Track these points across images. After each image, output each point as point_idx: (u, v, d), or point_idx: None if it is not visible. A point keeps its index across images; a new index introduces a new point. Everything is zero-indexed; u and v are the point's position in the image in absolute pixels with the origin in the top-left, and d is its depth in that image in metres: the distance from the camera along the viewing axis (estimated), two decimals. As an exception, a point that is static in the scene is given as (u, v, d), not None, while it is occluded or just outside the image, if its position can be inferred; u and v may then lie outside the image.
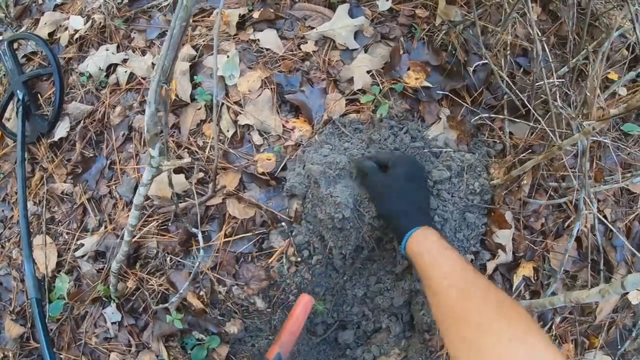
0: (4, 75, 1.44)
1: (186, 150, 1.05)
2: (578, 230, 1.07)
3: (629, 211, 1.30)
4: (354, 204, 0.93)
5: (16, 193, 1.32)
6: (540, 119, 1.01)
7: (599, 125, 0.77)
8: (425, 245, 0.79)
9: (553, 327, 1.19)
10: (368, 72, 1.08)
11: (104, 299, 1.09)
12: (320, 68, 1.08)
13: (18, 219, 1.30)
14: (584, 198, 1.00)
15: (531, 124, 1.13)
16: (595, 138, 1.10)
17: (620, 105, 0.77)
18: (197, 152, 1.04)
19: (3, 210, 1.33)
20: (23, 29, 1.52)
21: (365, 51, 1.11)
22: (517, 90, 1.08)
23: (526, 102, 1.08)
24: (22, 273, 1.26)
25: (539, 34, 1.23)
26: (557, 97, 1.10)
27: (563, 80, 1.19)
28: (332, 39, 1.11)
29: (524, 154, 1.14)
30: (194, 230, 0.93)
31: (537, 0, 1.40)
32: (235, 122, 1.04)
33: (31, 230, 1.23)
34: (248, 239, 0.98)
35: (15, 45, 1.43)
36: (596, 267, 1.20)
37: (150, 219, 1.04)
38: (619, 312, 1.23)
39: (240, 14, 1.13)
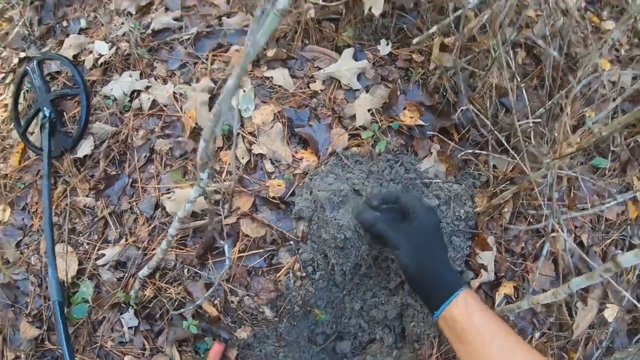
0: (27, 91, 1.58)
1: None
2: (547, 252, 1.26)
3: (605, 236, 1.50)
4: (354, 227, 1.10)
5: (36, 203, 1.46)
6: (515, 155, 1.20)
7: (559, 162, 0.96)
8: (469, 312, 0.80)
9: (533, 341, 1.36)
10: (369, 110, 1.26)
11: (122, 305, 1.24)
12: (327, 105, 1.25)
13: (37, 228, 1.44)
14: (552, 224, 1.19)
15: (509, 159, 1.32)
16: (562, 172, 1.29)
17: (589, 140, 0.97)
18: (215, 176, 1.20)
19: (23, 219, 1.47)
20: (47, 48, 1.67)
21: (367, 91, 1.29)
22: (495, 130, 1.27)
23: (503, 141, 1.27)
24: (39, 278, 1.39)
25: (519, 79, 1.44)
26: (532, 136, 1.30)
27: (540, 120, 1.39)
28: (337, 79, 1.29)
29: (504, 185, 1.33)
30: (221, 242, 1.08)
31: (522, 45, 1.61)
32: (249, 150, 1.20)
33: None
34: (259, 255, 1.15)
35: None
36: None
37: (169, 234, 1.20)
38: (595, 328, 1.37)
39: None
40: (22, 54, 1.72)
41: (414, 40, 1.12)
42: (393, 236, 0.87)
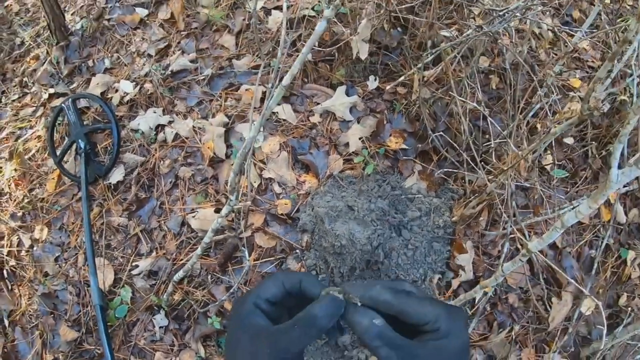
0: (59, 124, 1.86)
1: (223, 196, 1.49)
2: (507, 251, 1.51)
3: (579, 238, 1.75)
4: (349, 236, 1.37)
5: (72, 223, 1.73)
6: (480, 170, 1.47)
7: (511, 174, 1.25)
8: None
9: (512, 333, 1.61)
10: (360, 138, 1.54)
11: (154, 307, 1.50)
12: (324, 135, 1.54)
13: (75, 244, 1.71)
14: (511, 227, 1.47)
15: (476, 175, 1.60)
16: (520, 183, 1.56)
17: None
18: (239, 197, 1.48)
19: (61, 237, 1.73)
20: (74, 85, 1.94)
21: (358, 122, 1.58)
22: (464, 152, 1.54)
23: (476, 159, 1.55)
24: (77, 288, 1.65)
25: (487, 103, 1.73)
26: (492, 155, 1.58)
27: (506, 140, 1.68)
28: (333, 112, 1.57)
29: (477, 197, 1.61)
30: (242, 248, 1.35)
31: (495, 72, 1.90)
32: (260, 175, 1.48)
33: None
34: (271, 262, 1.42)
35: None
36: (548, 284, 1.58)
37: (195, 246, 1.47)
38: (572, 320, 1.56)
39: (262, 91, 1.59)
40: (51, 90, 1.99)
41: (398, 80, 1.41)
42: None
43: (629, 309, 1.65)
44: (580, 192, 1.76)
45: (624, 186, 1.76)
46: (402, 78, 1.50)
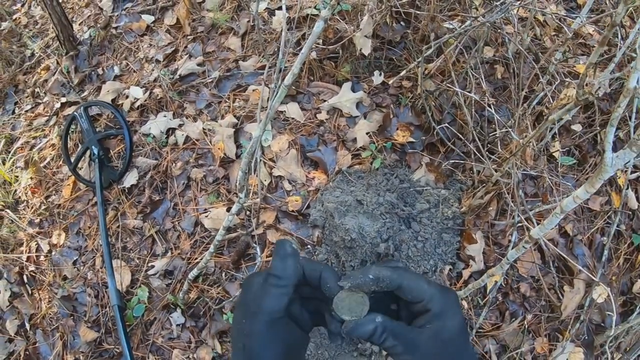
0: (72, 132, 1.97)
1: (234, 195, 1.58)
2: (516, 240, 1.56)
3: (590, 225, 1.80)
4: (359, 230, 1.45)
5: (89, 227, 1.84)
6: (486, 160, 1.54)
7: (506, 165, 1.31)
8: None
9: (525, 323, 1.66)
10: (367, 133, 1.61)
11: (171, 306, 1.59)
12: (332, 132, 1.62)
13: (92, 248, 1.81)
14: (519, 216, 1.53)
15: (482, 165, 1.66)
16: (527, 172, 1.62)
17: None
18: (248, 195, 1.56)
19: (78, 241, 1.84)
20: (85, 93, 2.06)
21: (365, 117, 1.65)
22: (469, 142, 1.61)
23: (481, 149, 1.62)
24: (96, 290, 1.75)
25: (492, 98, 1.79)
26: (499, 144, 1.64)
27: (509, 129, 1.74)
28: (339, 109, 1.65)
29: (485, 187, 1.67)
30: (253, 245, 1.43)
31: (500, 62, 1.97)
32: (270, 174, 1.57)
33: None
34: (283, 258, 1.50)
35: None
36: (560, 272, 1.63)
37: (208, 245, 1.56)
38: (584, 308, 1.59)
39: (269, 91, 1.68)
40: (63, 99, 2.11)
41: (400, 74, 1.49)
42: (403, 355, 0.49)
43: (644, 295, 1.69)
44: (590, 178, 1.80)
45: (634, 172, 1.81)
46: (404, 72, 1.58)
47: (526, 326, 1.63)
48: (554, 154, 1.80)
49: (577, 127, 1.85)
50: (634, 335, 1.66)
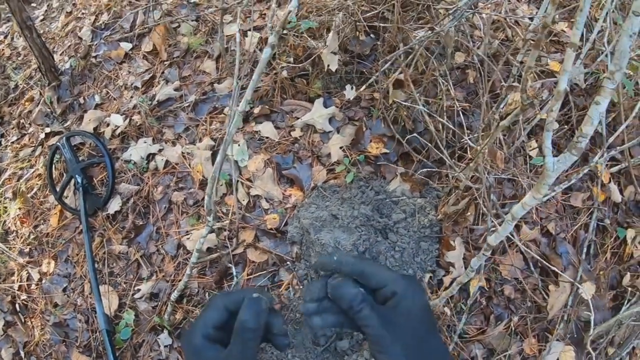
0: (57, 162, 2.04)
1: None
2: (500, 242, 1.61)
3: (573, 223, 1.84)
4: (335, 244, 1.51)
5: (77, 255, 1.90)
6: (453, 166, 1.59)
7: (468, 171, 1.37)
8: None
9: (512, 325, 1.70)
10: (340, 147, 1.68)
11: (158, 327, 1.66)
12: (306, 148, 1.68)
13: (80, 275, 1.88)
14: (492, 221, 1.58)
15: (450, 171, 1.71)
16: (498, 175, 1.67)
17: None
18: (222, 217, 1.63)
19: (67, 269, 1.91)
20: (68, 123, 2.13)
21: (338, 132, 1.72)
22: (436, 149, 1.67)
23: (446, 157, 1.68)
24: (86, 315, 1.82)
25: (465, 103, 1.85)
26: (468, 150, 1.69)
27: (478, 134, 1.79)
28: (313, 125, 1.71)
29: (462, 192, 1.73)
30: (229, 265, 1.49)
31: (471, 66, 2.03)
32: (248, 193, 1.63)
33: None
34: (264, 275, 1.56)
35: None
36: (544, 272, 1.67)
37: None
38: (572, 306, 1.64)
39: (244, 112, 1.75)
40: (47, 129, 2.19)
41: (365, 85, 1.55)
42: (377, 328, 0.53)
43: (634, 288, 1.71)
44: (569, 176, 1.85)
45: (615, 164, 1.85)
46: (367, 83, 1.64)
47: (513, 328, 1.66)
48: (530, 153, 1.86)
49: (553, 125, 1.90)
50: (627, 329, 1.69)
